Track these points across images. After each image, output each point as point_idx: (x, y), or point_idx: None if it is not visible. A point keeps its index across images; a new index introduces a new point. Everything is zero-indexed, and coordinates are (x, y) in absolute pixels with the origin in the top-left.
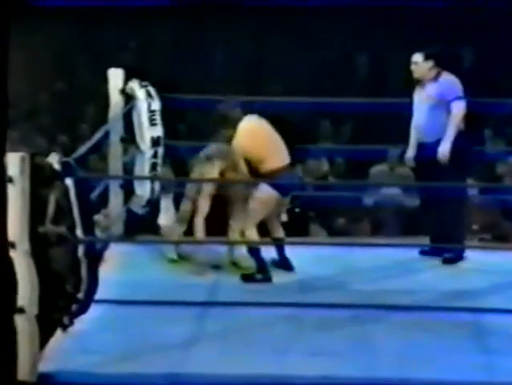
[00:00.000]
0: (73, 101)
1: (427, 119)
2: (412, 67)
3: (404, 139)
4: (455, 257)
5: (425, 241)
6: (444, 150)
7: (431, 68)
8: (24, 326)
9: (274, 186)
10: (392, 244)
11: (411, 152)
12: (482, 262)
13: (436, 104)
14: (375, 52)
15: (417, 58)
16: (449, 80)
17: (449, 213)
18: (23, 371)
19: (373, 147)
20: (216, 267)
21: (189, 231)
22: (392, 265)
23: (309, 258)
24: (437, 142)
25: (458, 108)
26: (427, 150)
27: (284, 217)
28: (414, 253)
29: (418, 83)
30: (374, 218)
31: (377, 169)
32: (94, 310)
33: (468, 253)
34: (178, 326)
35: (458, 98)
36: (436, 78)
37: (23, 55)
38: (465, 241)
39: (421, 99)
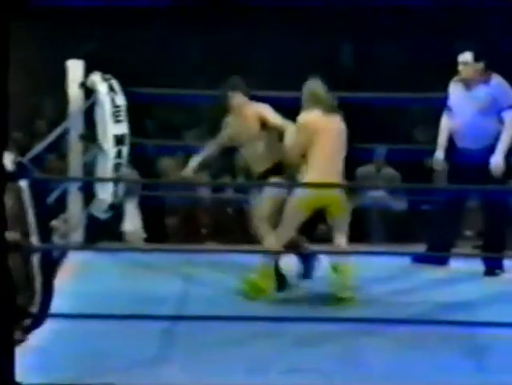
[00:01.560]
0: (29, 95)
1: (474, 125)
2: (461, 68)
3: (392, 137)
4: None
5: (416, 247)
6: (498, 161)
7: (482, 70)
8: None
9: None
10: (379, 251)
11: (441, 154)
12: (477, 271)
13: (486, 109)
14: (362, 46)
15: (467, 58)
16: (501, 84)
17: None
18: None
19: (359, 145)
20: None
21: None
22: (380, 275)
23: (290, 268)
24: (484, 149)
25: None
26: (470, 157)
27: None
28: (403, 260)
29: (461, 82)
30: (359, 223)
31: (363, 170)
32: (49, 325)
33: (461, 262)
34: (143, 342)
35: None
36: (486, 80)
37: None
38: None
39: (467, 102)
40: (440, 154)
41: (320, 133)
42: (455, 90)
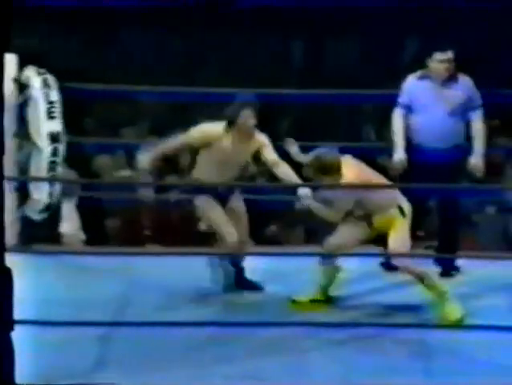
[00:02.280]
0: None
1: (445, 124)
2: (446, 66)
3: (340, 135)
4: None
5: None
6: (478, 162)
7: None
8: None
9: None
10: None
11: (403, 153)
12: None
13: (457, 108)
14: (311, 42)
15: (449, 56)
16: (471, 83)
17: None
18: None
19: (305, 144)
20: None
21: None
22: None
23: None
24: (450, 149)
25: (481, 115)
26: (436, 156)
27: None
28: (351, 262)
29: (430, 79)
30: (309, 224)
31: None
32: None
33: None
34: (81, 349)
35: (480, 103)
36: (455, 78)
37: None
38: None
39: (440, 101)
40: (402, 153)
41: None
42: (421, 87)
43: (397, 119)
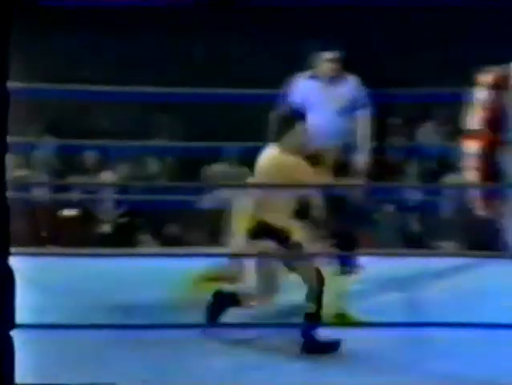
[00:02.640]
0: None
1: (333, 122)
2: (333, 65)
3: (246, 134)
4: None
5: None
6: (363, 159)
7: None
8: None
9: None
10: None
11: None
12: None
13: (345, 106)
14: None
15: (335, 55)
16: (358, 82)
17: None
18: None
19: (209, 144)
20: None
21: None
22: None
23: (134, 272)
24: (339, 147)
25: (368, 113)
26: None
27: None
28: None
29: (318, 79)
30: (211, 225)
31: (215, 169)
32: None
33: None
34: None
35: (367, 102)
36: (343, 77)
37: None
38: None
39: (328, 100)
40: None
41: None
42: (310, 86)
43: None
